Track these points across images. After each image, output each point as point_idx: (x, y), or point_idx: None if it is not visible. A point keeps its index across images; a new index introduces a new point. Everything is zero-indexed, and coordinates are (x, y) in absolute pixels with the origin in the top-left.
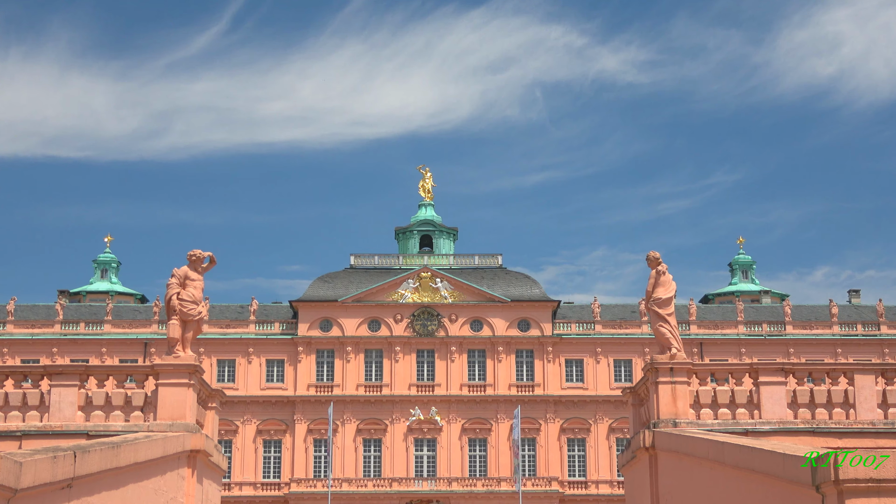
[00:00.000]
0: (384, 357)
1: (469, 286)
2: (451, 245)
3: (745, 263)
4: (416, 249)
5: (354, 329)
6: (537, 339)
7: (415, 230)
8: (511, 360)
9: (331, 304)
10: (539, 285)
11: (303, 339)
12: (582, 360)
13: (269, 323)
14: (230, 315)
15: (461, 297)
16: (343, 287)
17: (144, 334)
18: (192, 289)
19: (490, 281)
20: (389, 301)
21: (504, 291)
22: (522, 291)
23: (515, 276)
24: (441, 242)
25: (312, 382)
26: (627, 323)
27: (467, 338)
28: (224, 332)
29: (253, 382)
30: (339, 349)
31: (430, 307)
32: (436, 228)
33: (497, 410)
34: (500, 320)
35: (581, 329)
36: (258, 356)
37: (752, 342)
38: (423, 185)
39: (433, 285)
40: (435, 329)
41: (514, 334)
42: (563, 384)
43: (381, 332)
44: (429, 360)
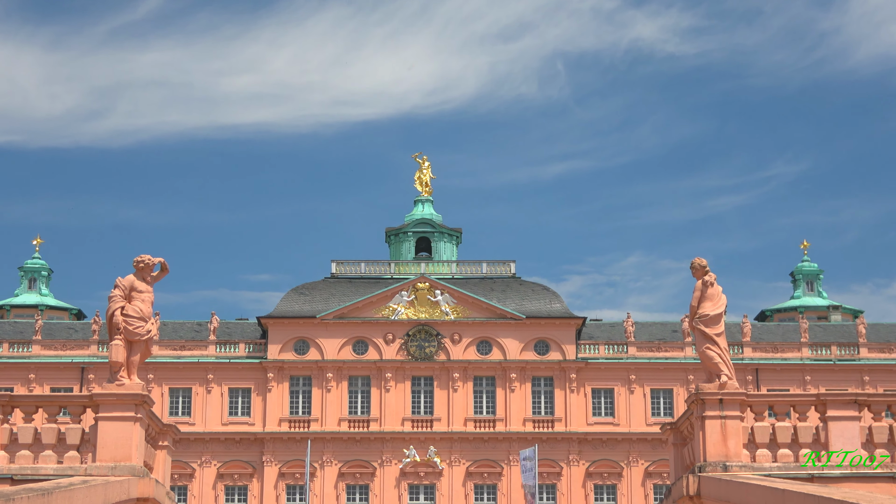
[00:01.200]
0: (372, 385)
1: (475, 300)
2: (453, 250)
3: (811, 273)
4: (412, 255)
5: (336, 351)
6: (558, 363)
7: (410, 231)
8: (526, 389)
9: (307, 322)
10: (560, 299)
11: (273, 364)
12: (612, 389)
13: (232, 344)
14: (185, 334)
15: (466, 313)
16: (322, 300)
17: (81, 357)
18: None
19: (501, 293)
20: (379, 317)
21: (518, 306)
22: (540, 306)
23: (531, 287)
24: (441, 246)
25: (285, 416)
26: (667, 345)
27: (473, 362)
28: (178, 355)
29: (213, 416)
30: (318, 376)
31: (428, 325)
32: (435, 229)
33: (509, 451)
34: (512, 341)
35: (611, 352)
36: (219, 384)
37: (819, 368)
38: (420, 177)
39: (432, 298)
40: (434, 351)
41: (529, 358)
42: (590, 419)
43: (369, 354)
44: (426, 389)
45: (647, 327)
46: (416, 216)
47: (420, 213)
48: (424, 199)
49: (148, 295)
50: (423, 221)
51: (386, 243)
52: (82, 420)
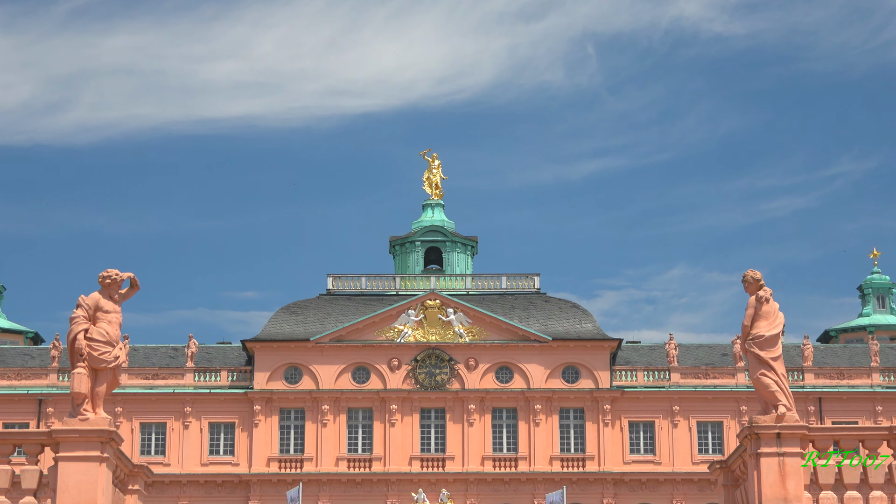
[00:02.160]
0: (375, 419)
1: (494, 319)
2: (467, 261)
3: (882, 286)
4: (420, 268)
5: (333, 380)
6: (590, 393)
7: (418, 241)
8: (553, 422)
9: (300, 346)
10: (592, 318)
11: (261, 394)
12: (653, 422)
13: (213, 372)
14: (159, 361)
15: (483, 335)
16: (317, 321)
17: (38, 388)
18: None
19: (523, 312)
20: (382, 340)
21: (543, 326)
22: (568, 327)
23: (558, 304)
24: (454, 258)
25: (274, 455)
26: (716, 371)
27: (491, 391)
28: (150, 385)
29: (191, 455)
30: (312, 408)
31: (439, 348)
32: (447, 238)
33: (533, 494)
34: (537, 367)
35: (651, 379)
36: (198, 418)
37: (893, 397)
38: (430, 177)
39: (443, 318)
40: (446, 379)
41: (556, 386)
42: (627, 457)
43: (371, 383)
44: (438, 422)
45: (692, 350)
46: (425, 223)
47: (429, 220)
48: (434, 203)
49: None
50: (432, 229)
51: (390, 254)
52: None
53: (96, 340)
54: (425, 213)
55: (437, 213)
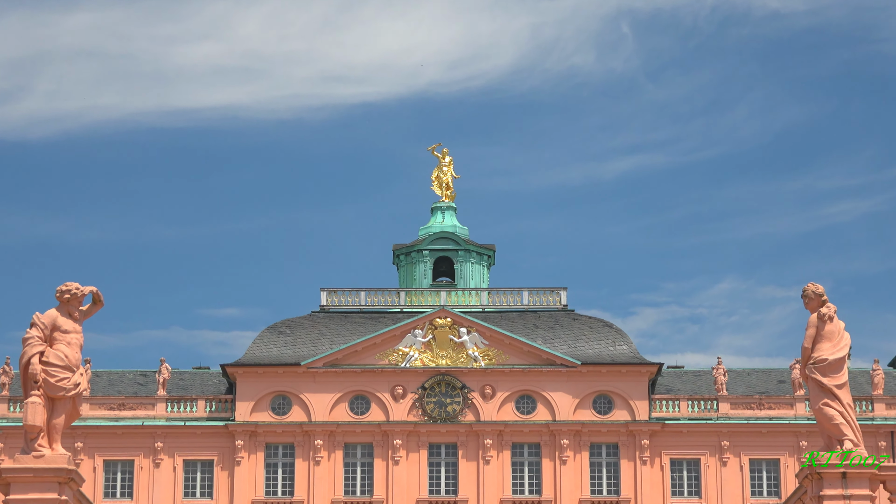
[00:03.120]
0: (376, 456)
1: (514, 340)
2: (483, 273)
3: None
4: (428, 280)
5: (327, 410)
6: (625, 425)
7: (426, 250)
8: (582, 459)
9: (289, 371)
10: (627, 339)
11: (244, 428)
12: (698, 460)
13: (188, 401)
14: (126, 388)
15: (501, 359)
16: (309, 342)
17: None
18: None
19: (548, 332)
20: (385, 364)
21: (571, 349)
22: (601, 349)
23: (589, 323)
24: (468, 269)
25: (259, 497)
26: (772, 400)
27: (511, 424)
28: (116, 417)
29: (163, 497)
30: (303, 443)
31: (450, 374)
32: (460, 247)
33: None
34: (564, 395)
35: (696, 410)
36: (171, 455)
37: None
38: (440, 176)
39: (455, 339)
40: (458, 410)
41: (587, 418)
42: (668, 499)
43: (372, 414)
44: (449, 460)
45: (744, 377)
46: (434, 229)
47: (439, 225)
48: (445, 206)
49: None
50: (442, 236)
51: (394, 265)
52: None
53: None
54: (434, 217)
55: (448, 218)
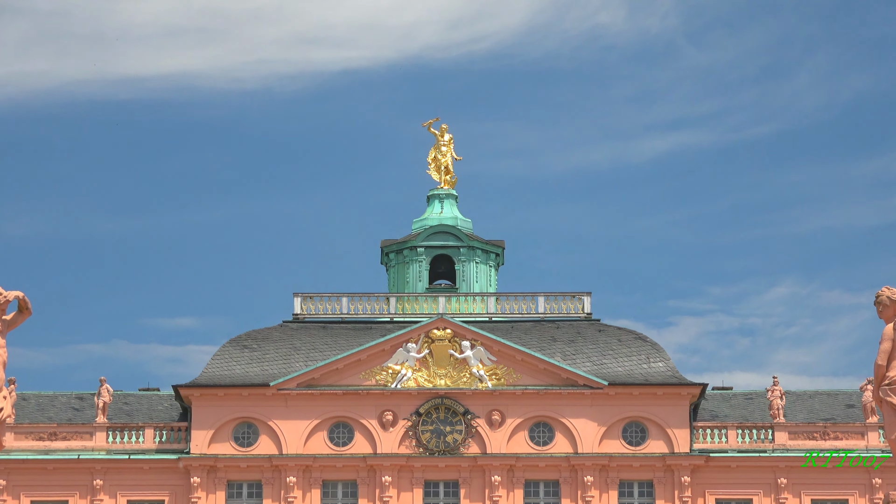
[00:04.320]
0: (360, 495)
1: (527, 356)
2: (490, 275)
3: None
4: (424, 283)
5: (302, 441)
6: (662, 459)
7: (421, 246)
8: (610, 500)
9: (256, 393)
10: (664, 354)
11: (201, 462)
12: (750, 500)
13: (134, 430)
14: (59, 414)
15: (512, 378)
16: (280, 358)
17: None
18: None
19: (568, 346)
20: (371, 385)
21: (596, 366)
22: (632, 366)
23: (617, 336)
24: (472, 270)
25: None
26: (839, 428)
27: (525, 457)
28: (46, 449)
29: None
30: (274, 480)
31: (451, 397)
32: (462, 243)
33: None
34: (587, 423)
35: (748, 440)
36: (113, 494)
37: None
38: (438, 158)
39: (457, 354)
40: (460, 440)
41: (615, 450)
42: None
43: (356, 445)
44: (449, 500)
45: (805, 400)
46: (432, 221)
47: (437, 217)
48: (444, 193)
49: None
50: (441, 230)
51: (382, 265)
52: None
53: None
54: (431, 207)
55: (449, 208)
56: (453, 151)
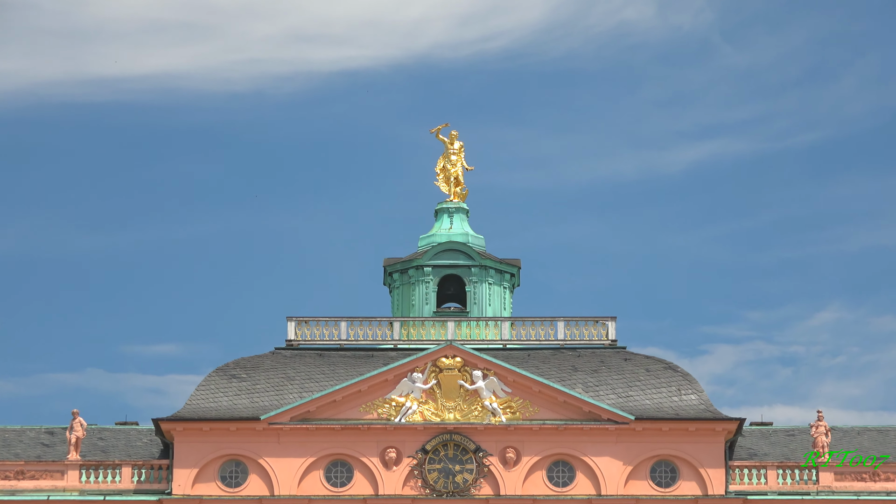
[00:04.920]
0: None
1: (545, 388)
2: (504, 298)
3: None
4: (432, 307)
5: (296, 480)
6: (694, 501)
7: (428, 266)
8: None
9: (246, 428)
10: (697, 386)
11: (185, 503)
12: None
13: (110, 468)
14: (27, 450)
15: (528, 412)
16: (272, 390)
17: None
18: None
19: (591, 376)
20: (373, 420)
21: (622, 399)
22: (661, 399)
23: (645, 365)
24: (484, 292)
25: None
26: (891, 469)
27: (543, 499)
28: (13, 489)
29: None
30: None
31: (460, 432)
32: (473, 262)
33: None
34: (612, 462)
35: (790, 481)
36: None
37: None
38: (447, 168)
39: (467, 385)
40: (471, 480)
41: (643, 492)
42: None
43: (356, 486)
44: None
45: (853, 437)
46: (440, 238)
47: (446, 233)
48: (453, 207)
49: None
50: (451, 248)
51: (385, 286)
52: None
53: None
54: (440, 222)
55: (459, 223)
56: (464, 161)
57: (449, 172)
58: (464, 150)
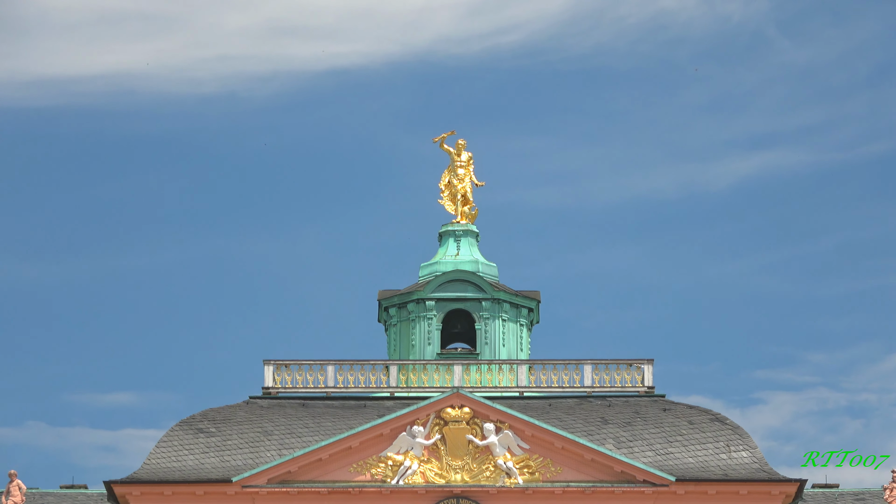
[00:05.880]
0: None
1: (570, 443)
2: (521, 336)
3: None
4: (436, 347)
5: None
6: None
7: (431, 299)
8: None
9: (216, 491)
10: (749, 441)
11: None
12: None
13: None
14: None
15: (549, 472)
16: (246, 446)
17: None
18: None
19: (625, 430)
20: (366, 482)
21: (661, 457)
22: (708, 458)
23: (689, 417)
24: (497, 330)
25: None
26: None
27: None
28: None
29: None
30: None
31: (469, 496)
32: (485, 294)
33: None
34: None
35: None
36: None
37: None
38: (453, 183)
39: (476, 440)
40: None
41: None
42: None
43: None
44: None
45: None
46: (445, 266)
47: (452, 261)
48: (461, 230)
49: None
50: (458, 277)
51: (380, 323)
52: None
53: None
54: (445, 247)
55: (467, 249)
56: (473, 175)
57: (455, 189)
58: (473, 162)
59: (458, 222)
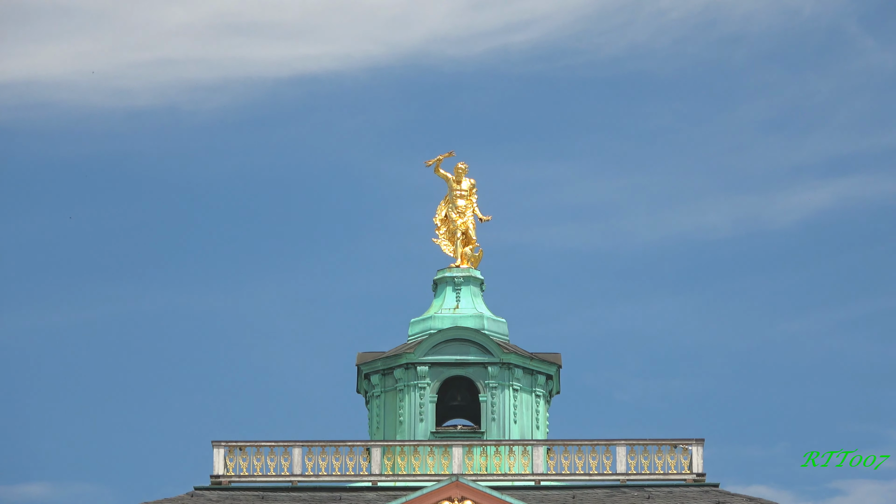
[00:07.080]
0: None
1: None
2: (537, 410)
3: None
4: (430, 424)
5: None
6: None
7: (423, 364)
8: None
9: None
10: None
11: None
12: None
13: None
14: None
15: None
16: None
17: None
18: None
19: None
20: None
21: None
22: None
23: None
24: (507, 402)
25: None
26: None
27: None
28: None
29: None
30: None
31: None
32: (491, 358)
33: None
34: None
35: None
36: None
37: None
38: (450, 218)
39: None
40: None
41: None
42: None
43: None
44: None
45: None
46: (441, 322)
47: (450, 315)
48: (461, 276)
49: None
50: (458, 336)
51: (359, 394)
52: None
53: None
54: (441, 298)
55: (469, 300)
56: (476, 208)
57: (454, 225)
58: (476, 192)
59: (457, 267)
